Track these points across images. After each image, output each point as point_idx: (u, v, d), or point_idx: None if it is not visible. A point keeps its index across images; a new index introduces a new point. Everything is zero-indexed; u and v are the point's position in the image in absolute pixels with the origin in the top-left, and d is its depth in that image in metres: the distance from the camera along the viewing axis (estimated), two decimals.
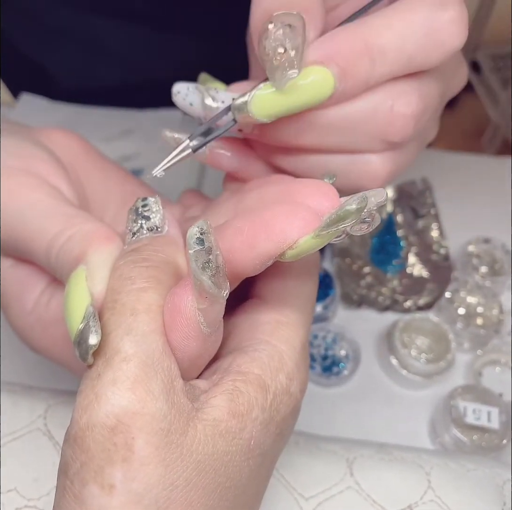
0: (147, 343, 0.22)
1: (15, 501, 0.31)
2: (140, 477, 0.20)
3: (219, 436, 0.22)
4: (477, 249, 0.49)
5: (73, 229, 0.26)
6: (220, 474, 0.22)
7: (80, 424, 0.21)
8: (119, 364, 0.21)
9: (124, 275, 0.23)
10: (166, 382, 0.21)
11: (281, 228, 0.22)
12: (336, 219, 0.21)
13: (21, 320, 0.30)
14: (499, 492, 0.33)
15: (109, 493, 0.20)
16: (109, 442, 0.20)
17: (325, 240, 0.22)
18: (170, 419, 0.21)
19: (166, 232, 0.26)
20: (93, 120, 0.61)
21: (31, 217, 0.27)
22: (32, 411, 0.35)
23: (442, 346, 0.44)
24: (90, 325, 0.22)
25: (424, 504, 0.32)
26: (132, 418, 0.20)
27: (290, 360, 0.25)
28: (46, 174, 0.29)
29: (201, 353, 0.23)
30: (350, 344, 0.45)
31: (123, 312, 0.22)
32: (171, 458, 0.21)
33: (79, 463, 0.21)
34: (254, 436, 0.23)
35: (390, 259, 0.49)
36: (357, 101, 0.26)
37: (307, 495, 0.32)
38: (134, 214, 0.26)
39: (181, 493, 0.21)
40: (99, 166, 0.34)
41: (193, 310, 0.22)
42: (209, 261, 0.21)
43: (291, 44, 0.24)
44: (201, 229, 0.21)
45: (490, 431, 0.39)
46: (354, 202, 0.21)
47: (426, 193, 0.53)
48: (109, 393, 0.21)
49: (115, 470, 0.20)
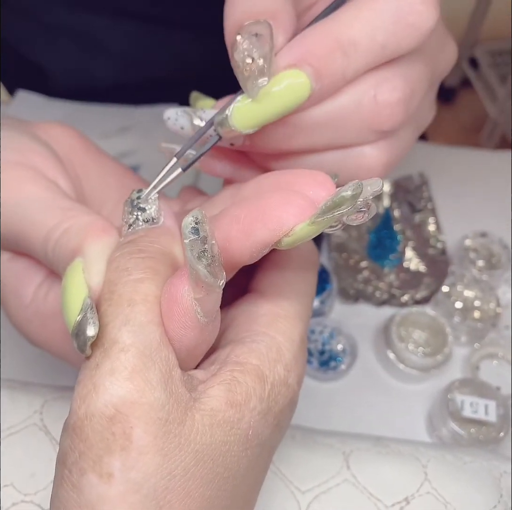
0: (145, 333, 0.22)
1: (12, 496, 0.31)
2: (139, 466, 0.20)
3: (217, 426, 0.22)
4: (474, 243, 0.49)
5: (69, 222, 0.26)
6: (218, 464, 0.22)
7: (78, 413, 0.21)
8: (117, 354, 0.21)
9: (120, 267, 0.23)
10: (164, 372, 0.22)
11: (277, 216, 0.22)
12: (332, 205, 0.21)
13: (19, 314, 0.30)
14: (496, 484, 0.33)
15: (107, 482, 0.20)
16: (108, 432, 0.20)
17: (320, 227, 0.22)
18: (168, 409, 0.21)
19: (162, 223, 0.26)
20: (90, 117, 0.61)
21: (27, 211, 0.27)
22: (29, 406, 0.34)
23: (439, 339, 0.44)
24: (87, 317, 0.22)
25: (420, 496, 0.32)
26: (131, 407, 0.20)
27: (288, 352, 0.25)
28: (43, 168, 0.29)
29: (199, 343, 0.23)
30: (347, 338, 0.45)
31: (120, 303, 0.22)
32: (169, 448, 0.21)
33: (78, 453, 0.21)
34: (252, 426, 0.23)
35: (387, 254, 0.49)
36: (339, 97, 0.26)
37: (304, 488, 0.32)
38: (130, 206, 0.26)
39: (179, 483, 0.21)
40: (97, 160, 0.34)
41: (189, 299, 0.22)
42: (205, 251, 0.21)
43: (258, 53, 0.24)
44: (196, 219, 0.21)
45: (487, 424, 0.39)
46: (350, 188, 0.21)
47: (423, 187, 0.53)
48: (107, 383, 0.21)
49: (114, 459, 0.20)
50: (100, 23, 0.57)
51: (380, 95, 0.26)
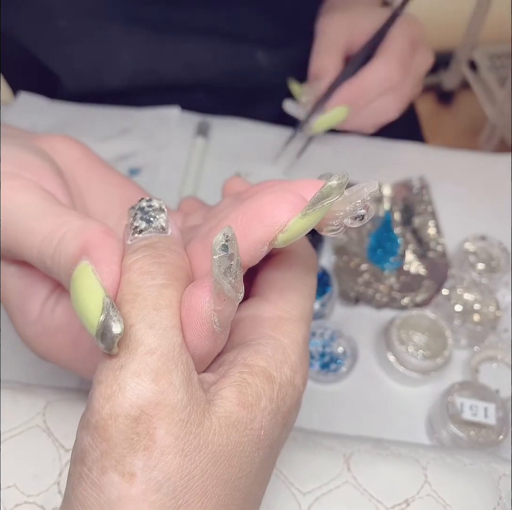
0: (169, 337, 0.22)
1: (15, 497, 0.32)
2: (160, 465, 0.21)
3: (232, 427, 0.23)
4: (473, 246, 0.50)
5: (64, 228, 0.26)
6: (233, 465, 0.23)
7: (101, 413, 0.21)
8: (143, 357, 0.22)
9: (143, 269, 0.24)
10: (186, 375, 0.22)
11: (271, 212, 0.23)
12: (320, 196, 0.22)
13: (27, 329, 0.30)
14: (495, 486, 0.33)
15: (129, 481, 0.21)
16: (132, 432, 0.21)
17: (312, 219, 0.23)
18: (189, 410, 0.22)
19: (170, 234, 0.27)
20: (91, 119, 0.61)
21: (21, 219, 0.27)
22: (31, 408, 0.35)
23: (439, 342, 0.44)
24: (111, 315, 0.22)
25: (420, 499, 0.32)
26: (155, 408, 0.21)
27: (293, 354, 0.26)
28: (39, 179, 0.29)
29: (211, 350, 0.24)
30: (347, 341, 0.45)
31: (145, 306, 0.23)
32: (189, 449, 0.21)
33: (99, 451, 0.21)
34: (263, 426, 0.24)
35: (387, 257, 0.50)
36: None
37: (305, 490, 0.32)
38: (140, 212, 0.26)
39: (197, 483, 0.21)
40: (101, 173, 0.34)
41: (209, 311, 0.23)
42: (231, 266, 0.22)
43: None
44: (227, 237, 0.22)
45: (487, 427, 0.40)
46: (335, 178, 0.22)
47: (423, 191, 0.54)
48: (133, 384, 0.21)
49: (137, 458, 0.21)
50: (112, 30, 0.58)
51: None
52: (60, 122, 0.60)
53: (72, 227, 0.26)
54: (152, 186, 0.55)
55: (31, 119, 0.60)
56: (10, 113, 0.61)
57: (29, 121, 0.60)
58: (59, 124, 0.60)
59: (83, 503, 0.21)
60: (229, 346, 0.27)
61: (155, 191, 0.54)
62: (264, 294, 0.28)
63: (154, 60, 0.60)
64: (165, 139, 0.60)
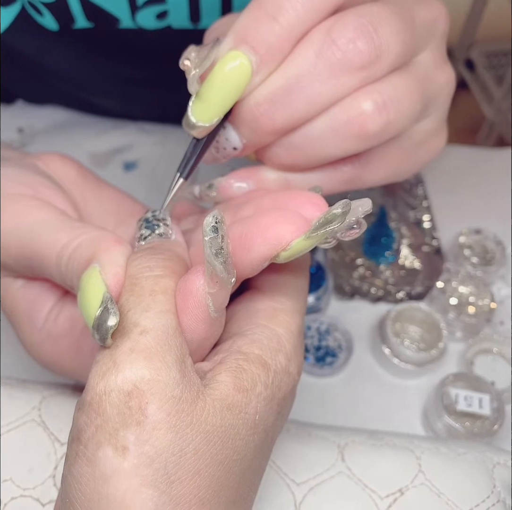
0: (164, 319, 0.24)
1: (11, 490, 0.32)
2: (152, 440, 0.21)
3: (226, 409, 0.23)
4: (468, 239, 0.50)
5: (81, 238, 0.28)
6: (228, 447, 0.23)
7: (96, 389, 0.22)
8: (137, 336, 0.23)
9: (142, 264, 0.26)
10: (179, 356, 0.23)
11: (276, 232, 0.24)
12: (324, 222, 0.24)
13: (32, 338, 0.32)
14: (489, 475, 0.33)
15: (122, 455, 0.21)
16: (125, 406, 0.22)
17: (314, 241, 0.24)
18: (182, 388, 0.22)
19: (174, 239, 0.28)
20: (86, 113, 0.61)
21: (40, 233, 0.29)
22: (27, 402, 0.35)
23: (434, 335, 0.44)
24: (108, 308, 0.23)
25: (414, 488, 0.32)
26: (147, 384, 0.22)
27: (288, 343, 0.27)
28: (51, 199, 0.31)
29: (208, 336, 0.25)
30: (343, 334, 0.45)
31: (142, 293, 0.24)
32: (181, 426, 0.22)
33: (94, 427, 0.22)
34: (258, 411, 0.24)
35: (383, 251, 0.50)
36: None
37: (299, 481, 0.32)
38: (145, 222, 0.29)
39: (190, 460, 0.22)
40: (95, 189, 0.35)
41: (204, 293, 0.24)
42: (222, 248, 0.23)
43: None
44: (216, 219, 0.23)
45: (482, 418, 0.40)
46: (340, 206, 0.24)
47: (418, 185, 0.54)
48: (127, 360, 0.22)
49: (129, 432, 0.21)
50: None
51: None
52: (56, 115, 0.61)
53: (89, 236, 0.27)
54: (149, 181, 0.55)
55: (30, 119, 0.60)
56: (9, 113, 0.61)
57: (28, 121, 0.60)
58: (56, 121, 0.60)
59: (79, 480, 0.22)
60: (225, 336, 0.27)
61: (153, 187, 0.55)
62: (259, 286, 0.29)
63: (136, 110, 0.60)
64: (162, 132, 0.59)
